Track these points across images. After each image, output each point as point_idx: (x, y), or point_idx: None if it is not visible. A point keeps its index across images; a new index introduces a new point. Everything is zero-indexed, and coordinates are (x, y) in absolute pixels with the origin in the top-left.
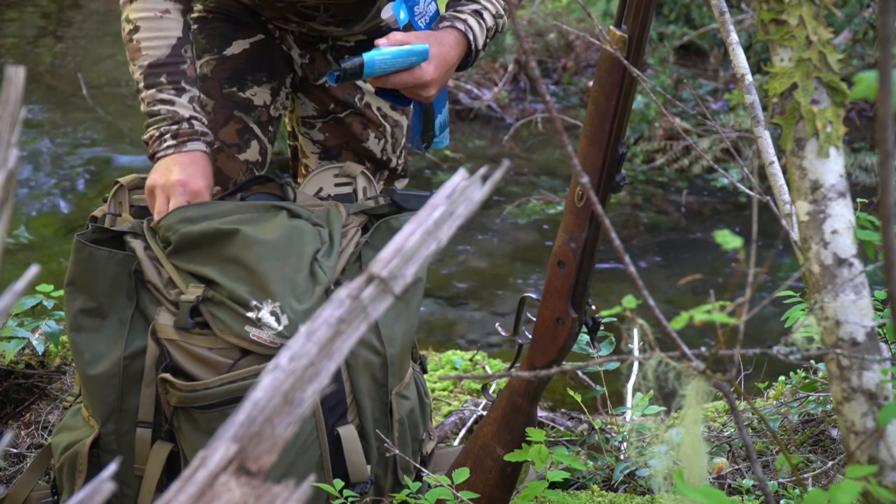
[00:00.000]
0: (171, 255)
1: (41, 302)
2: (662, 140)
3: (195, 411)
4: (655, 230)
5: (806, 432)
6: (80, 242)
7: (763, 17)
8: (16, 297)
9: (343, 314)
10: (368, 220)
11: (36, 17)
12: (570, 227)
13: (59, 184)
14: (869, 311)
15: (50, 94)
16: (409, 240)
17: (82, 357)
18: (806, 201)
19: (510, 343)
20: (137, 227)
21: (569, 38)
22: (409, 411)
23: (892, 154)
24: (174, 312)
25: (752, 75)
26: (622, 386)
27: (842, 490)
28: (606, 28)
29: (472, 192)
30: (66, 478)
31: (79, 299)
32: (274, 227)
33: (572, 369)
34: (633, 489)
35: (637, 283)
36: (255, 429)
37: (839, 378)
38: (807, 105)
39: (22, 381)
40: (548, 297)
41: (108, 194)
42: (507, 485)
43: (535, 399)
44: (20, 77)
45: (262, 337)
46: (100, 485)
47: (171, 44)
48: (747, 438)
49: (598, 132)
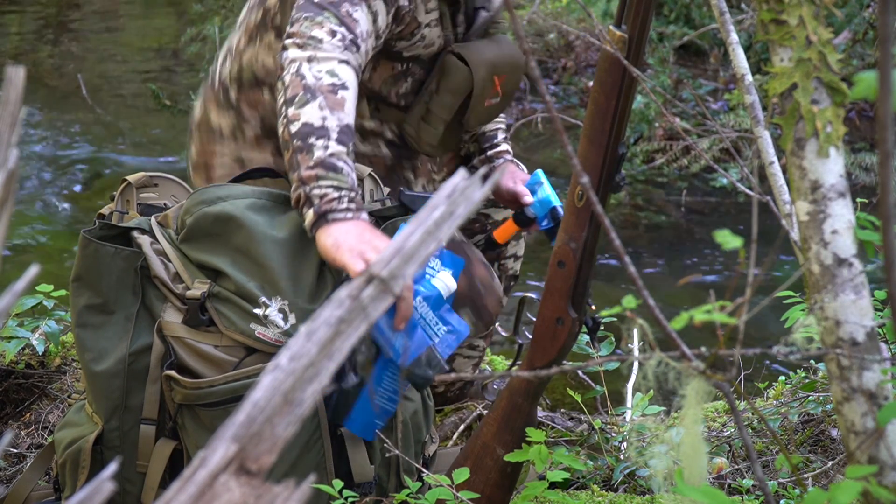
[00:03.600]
0: (184, 241)
1: (41, 302)
2: (662, 140)
3: (199, 409)
4: (655, 230)
5: (806, 432)
6: (87, 238)
7: (763, 17)
8: (16, 297)
9: (343, 314)
10: (375, 222)
11: (36, 16)
12: (570, 227)
13: (59, 184)
14: (869, 311)
15: (50, 94)
16: (409, 240)
17: (87, 353)
18: (806, 201)
19: (510, 343)
20: (144, 224)
21: (569, 38)
22: (413, 413)
23: (892, 154)
24: (181, 309)
25: (752, 75)
26: (622, 386)
27: (842, 490)
28: (606, 28)
29: (471, 192)
30: (69, 474)
31: (84, 295)
32: (287, 223)
33: (572, 369)
34: (633, 489)
35: (637, 283)
36: (255, 429)
37: (839, 378)
38: (807, 105)
39: (22, 381)
40: (548, 297)
41: (116, 192)
42: (507, 485)
43: (535, 399)
44: (20, 77)
45: (268, 335)
46: (101, 484)
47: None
48: (747, 438)
49: (598, 132)
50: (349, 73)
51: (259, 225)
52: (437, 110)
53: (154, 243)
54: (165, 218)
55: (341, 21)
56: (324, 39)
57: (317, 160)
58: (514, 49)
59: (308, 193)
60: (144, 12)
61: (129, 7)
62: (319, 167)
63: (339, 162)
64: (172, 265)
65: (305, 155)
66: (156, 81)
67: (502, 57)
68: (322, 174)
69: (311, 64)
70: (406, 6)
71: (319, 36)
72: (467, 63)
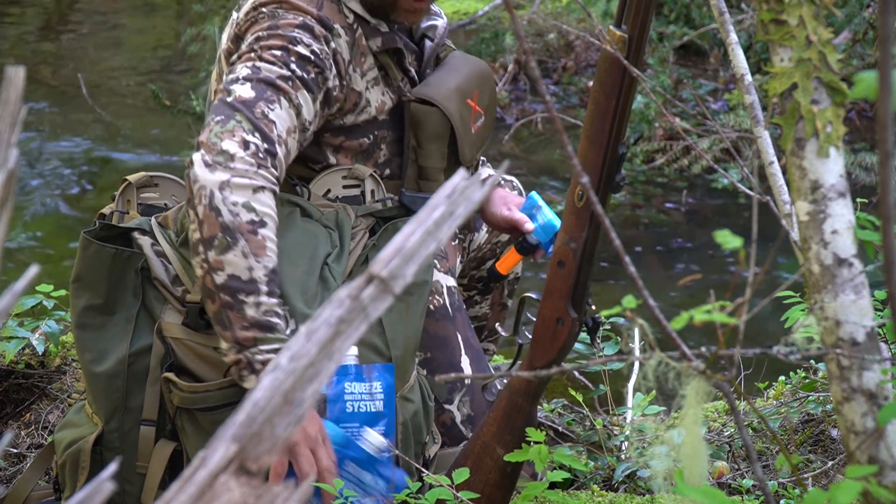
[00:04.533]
0: (183, 244)
1: (41, 302)
2: (662, 140)
3: (197, 412)
4: (655, 230)
5: (806, 432)
6: (87, 239)
7: (763, 17)
8: (16, 297)
9: (343, 314)
10: (376, 223)
11: (36, 16)
12: (570, 227)
13: (59, 184)
14: (869, 311)
15: (50, 94)
16: (410, 240)
17: (87, 354)
18: (806, 201)
19: (510, 343)
20: (145, 224)
21: (569, 38)
22: (413, 414)
23: (892, 154)
24: (181, 310)
25: (752, 75)
26: (622, 386)
27: (842, 490)
28: (606, 28)
29: (471, 192)
30: (69, 475)
31: (84, 296)
32: (287, 227)
33: (572, 369)
34: (634, 489)
35: (637, 283)
36: (255, 429)
37: (839, 378)
38: (807, 105)
39: (22, 381)
40: (548, 297)
41: (117, 192)
42: (507, 485)
43: (535, 399)
44: (20, 77)
45: None
46: (100, 484)
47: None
48: (747, 438)
49: (598, 132)
50: (267, 203)
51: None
52: (430, 163)
53: (155, 245)
54: (166, 219)
55: (255, 126)
56: (235, 155)
57: (251, 320)
58: (472, 61)
59: (250, 359)
60: (144, 12)
61: (130, 7)
62: (255, 329)
63: (273, 318)
64: (172, 267)
65: (236, 314)
66: (156, 81)
67: (464, 76)
68: (260, 336)
69: (223, 193)
70: (336, 85)
71: (231, 150)
72: (433, 104)
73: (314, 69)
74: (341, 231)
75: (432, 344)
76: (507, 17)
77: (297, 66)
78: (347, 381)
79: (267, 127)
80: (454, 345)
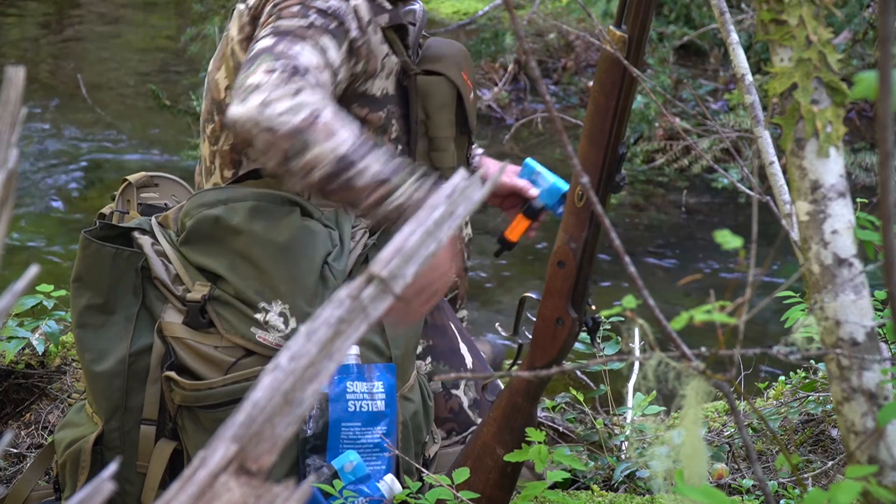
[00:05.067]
0: (184, 243)
1: (41, 302)
2: (662, 140)
3: (199, 410)
4: (655, 230)
5: (806, 432)
6: (87, 239)
7: (763, 17)
8: (16, 297)
9: (343, 314)
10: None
11: (36, 16)
12: (570, 227)
13: (59, 184)
14: (869, 311)
15: (50, 94)
16: (409, 240)
17: (87, 353)
18: (806, 201)
19: (510, 343)
20: (145, 224)
21: (569, 38)
22: (413, 414)
23: (892, 154)
24: (181, 310)
25: (752, 75)
26: (622, 386)
27: (842, 490)
28: (606, 28)
29: (471, 192)
30: (69, 474)
31: (85, 296)
32: (287, 226)
33: (572, 369)
34: (634, 489)
35: (637, 283)
36: (255, 429)
37: (839, 378)
38: (807, 105)
39: (22, 381)
40: (548, 297)
41: (117, 192)
42: (507, 485)
43: (535, 399)
44: (20, 77)
45: (268, 339)
46: (100, 484)
47: None
48: (747, 438)
49: (598, 132)
50: (310, 98)
51: (259, 229)
52: (440, 132)
53: (155, 244)
54: (166, 218)
55: (276, 58)
56: (260, 83)
57: (367, 187)
58: (452, 42)
59: (408, 203)
60: (144, 12)
61: (130, 7)
62: (380, 188)
63: (382, 170)
64: (173, 267)
65: (353, 190)
66: (156, 81)
67: (456, 51)
68: (384, 192)
69: (266, 112)
70: (359, 37)
71: (255, 81)
72: (438, 73)
73: (334, 21)
74: (341, 230)
75: (432, 332)
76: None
77: (316, 17)
78: (349, 381)
79: (289, 57)
80: (451, 333)
